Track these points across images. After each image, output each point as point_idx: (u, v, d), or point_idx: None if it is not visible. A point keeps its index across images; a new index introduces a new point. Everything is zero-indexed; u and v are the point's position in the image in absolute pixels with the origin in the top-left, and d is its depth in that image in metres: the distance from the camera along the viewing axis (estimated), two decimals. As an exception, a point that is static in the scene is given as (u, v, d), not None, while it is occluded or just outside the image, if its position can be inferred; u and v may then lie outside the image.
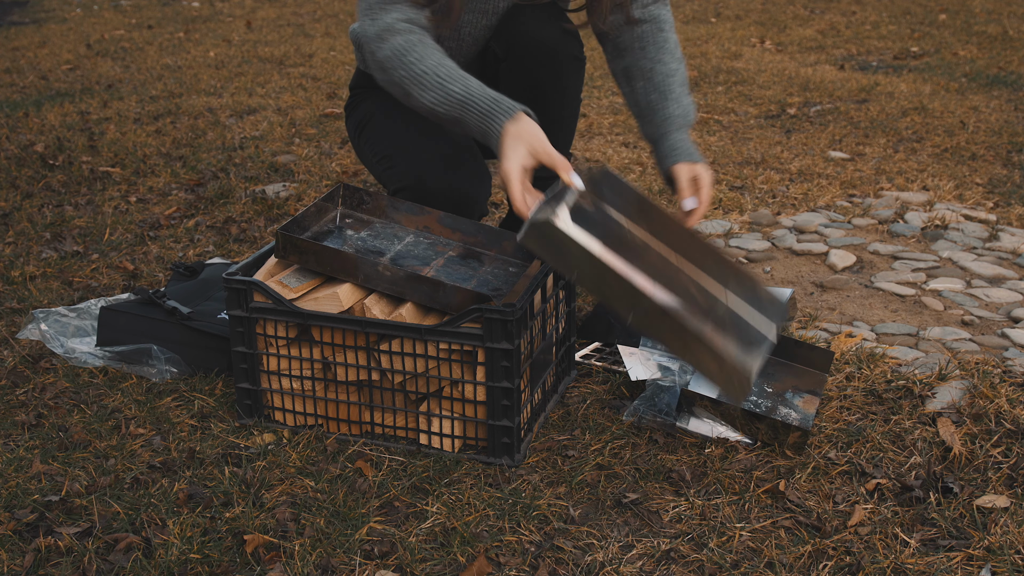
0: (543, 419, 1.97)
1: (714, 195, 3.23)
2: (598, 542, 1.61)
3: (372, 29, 1.90)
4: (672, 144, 2.05)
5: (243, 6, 7.90)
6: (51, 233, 3.00)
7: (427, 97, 1.84)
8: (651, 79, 2.10)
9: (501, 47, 2.13)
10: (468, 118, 1.82)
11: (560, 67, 2.11)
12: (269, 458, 1.84)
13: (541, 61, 2.06)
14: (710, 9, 7.19)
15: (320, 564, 1.55)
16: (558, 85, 2.12)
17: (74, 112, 4.44)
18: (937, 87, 4.75)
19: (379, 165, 2.24)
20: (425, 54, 1.86)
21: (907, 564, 1.53)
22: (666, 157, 2.05)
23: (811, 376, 1.96)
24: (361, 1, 1.95)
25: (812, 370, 1.97)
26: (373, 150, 2.26)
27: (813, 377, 1.96)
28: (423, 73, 1.84)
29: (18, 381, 2.14)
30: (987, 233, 2.94)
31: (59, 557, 1.59)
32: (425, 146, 2.15)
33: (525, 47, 2.08)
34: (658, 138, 2.09)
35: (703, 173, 2.01)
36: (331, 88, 4.86)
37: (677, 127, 2.07)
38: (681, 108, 2.09)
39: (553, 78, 2.11)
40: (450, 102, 1.82)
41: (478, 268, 1.83)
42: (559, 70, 2.12)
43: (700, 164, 2.03)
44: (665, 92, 2.09)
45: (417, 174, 2.12)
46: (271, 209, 3.14)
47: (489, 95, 1.80)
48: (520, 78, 2.10)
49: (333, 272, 1.85)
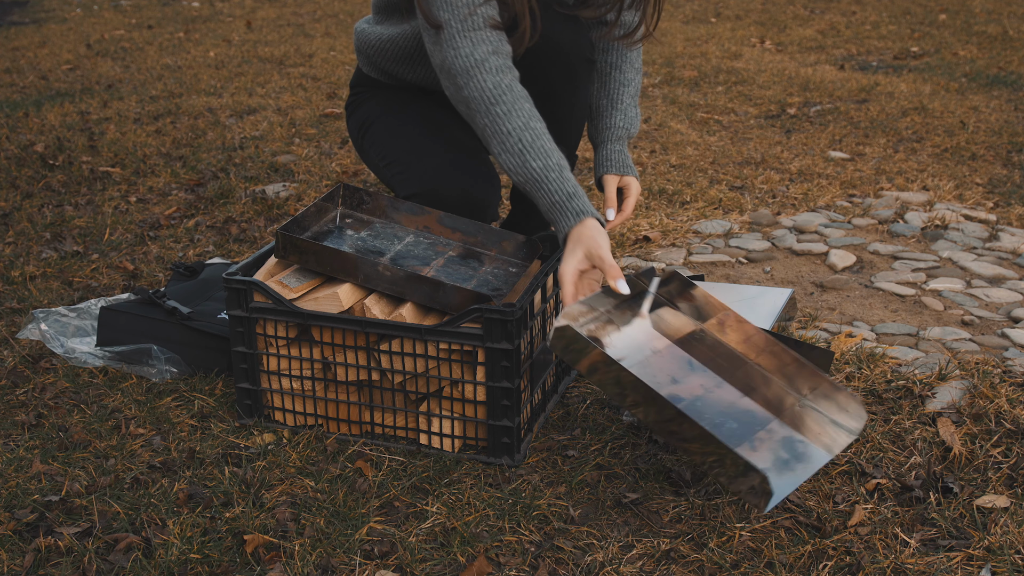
0: (543, 419, 1.97)
1: (714, 195, 3.23)
2: (598, 542, 1.62)
3: (459, 63, 1.84)
4: (607, 154, 2.16)
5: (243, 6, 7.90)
6: (51, 233, 3.00)
7: (504, 159, 1.84)
8: (605, 84, 2.20)
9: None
10: (539, 199, 1.83)
11: (573, 68, 2.12)
12: (269, 458, 1.84)
13: (554, 61, 2.07)
14: (710, 9, 7.19)
15: (320, 564, 1.56)
16: (570, 87, 2.13)
17: (74, 112, 4.44)
18: (937, 87, 4.76)
19: (387, 170, 2.22)
20: (514, 109, 1.83)
21: (907, 564, 1.53)
22: (599, 165, 2.15)
23: None
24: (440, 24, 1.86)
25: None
26: (379, 154, 2.24)
27: None
28: (507, 133, 1.82)
29: (18, 381, 2.14)
30: (987, 233, 2.94)
31: (59, 557, 1.59)
32: (434, 151, 2.15)
33: (539, 48, 2.08)
34: (597, 145, 2.19)
35: (631, 184, 2.11)
36: (331, 88, 4.86)
37: (616, 138, 2.18)
38: (626, 120, 2.19)
39: (565, 79, 2.12)
40: (525, 175, 1.83)
41: (478, 268, 1.83)
42: (572, 72, 2.13)
43: (629, 176, 2.13)
44: (614, 101, 2.20)
45: (430, 181, 2.11)
46: (271, 209, 3.14)
47: (565, 189, 1.81)
48: (532, 78, 2.10)
49: (333, 272, 1.85)
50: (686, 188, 3.31)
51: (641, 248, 2.83)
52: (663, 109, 4.42)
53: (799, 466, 1.54)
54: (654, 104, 4.52)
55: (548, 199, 1.82)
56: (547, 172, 1.82)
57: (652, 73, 5.12)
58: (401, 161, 2.17)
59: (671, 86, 4.86)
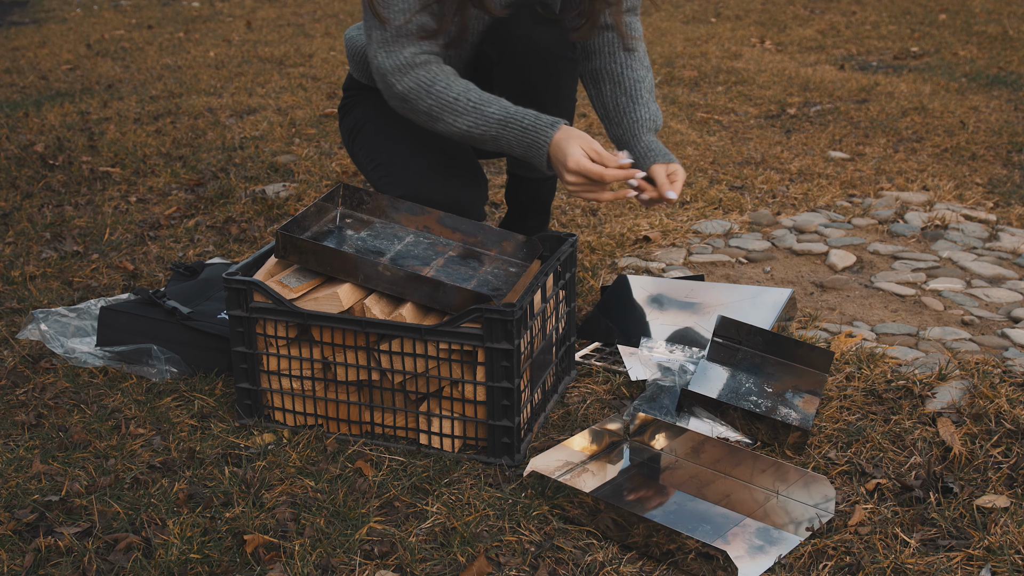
0: (543, 419, 1.97)
1: (714, 195, 3.23)
2: (598, 542, 1.61)
3: (389, 63, 1.99)
4: (647, 146, 2.15)
5: (243, 6, 7.90)
6: (51, 233, 3.00)
7: (461, 122, 1.95)
8: (620, 83, 2.19)
9: (494, 50, 2.15)
10: (509, 135, 1.93)
11: (554, 68, 2.13)
12: (269, 458, 1.84)
13: (534, 62, 2.08)
14: (710, 9, 7.19)
15: (320, 564, 1.56)
16: (551, 86, 2.14)
17: (74, 112, 4.44)
18: (937, 87, 4.75)
19: (374, 173, 2.27)
20: (451, 83, 1.97)
21: (907, 564, 1.53)
22: (644, 157, 2.14)
23: (811, 376, 1.96)
24: (372, 31, 2.00)
25: (812, 370, 1.97)
26: (367, 157, 2.29)
27: (813, 377, 1.96)
28: (455, 100, 1.95)
29: (18, 381, 2.14)
30: (987, 233, 2.94)
31: (59, 557, 1.59)
32: (418, 156, 2.20)
33: (518, 49, 2.10)
34: (630, 140, 2.18)
35: (678, 170, 2.11)
36: (331, 88, 4.86)
37: (647, 130, 2.17)
38: (650, 113, 2.19)
39: (546, 79, 2.13)
40: (488, 123, 1.93)
41: (478, 268, 1.83)
42: (553, 71, 2.13)
43: (675, 164, 2.13)
44: (635, 97, 2.18)
45: (412, 186, 2.16)
46: (271, 209, 3.14)
47: (529, 113, 1.92)
48: (514, 80, 2.11)
49: (333, 272, 1.85)
50: (686, 188, 3.31)
51: (641, 248, 2.83)
52: (663, 109, 4.42)
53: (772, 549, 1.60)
54: (654, 104, 4.52)
55: (518, 128, 1.92)
56: (506, 110, 1.93)
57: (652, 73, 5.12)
58: (386, 164, 2.22)
59: (671, 86, 4.86)
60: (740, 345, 2.05)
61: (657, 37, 6.10)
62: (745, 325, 2.04)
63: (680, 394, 1.95)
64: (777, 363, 2.02)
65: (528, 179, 2.41)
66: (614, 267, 2.68)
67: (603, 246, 2.81)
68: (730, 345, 2.05)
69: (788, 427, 1.82)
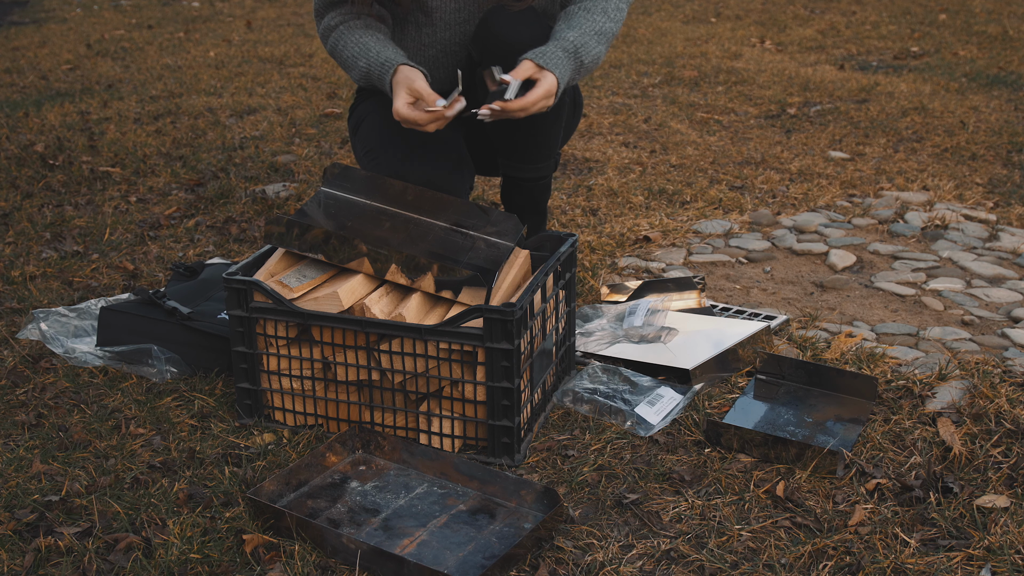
0: (543, 419, 1.97)
1: (714, 195, 3.23)
2: (598, 542, 1.61)
3: (319, 30, 2.31)
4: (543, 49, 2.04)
5: (243, 6, 7.90)
6: (51, 233, 3.00)
7: (353, 75, 2.23)
8: (571, 17, 2.13)
9: (476, 51, 2.20)
10: (375, 83, 2.17)
11: None
12: (269, 458, 1.84)
13: (512, 64, 2.08)
14: (710, 9, 7.19)
15: (320, 564, 1.56)
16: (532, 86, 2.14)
17: (74, 112, 4.44)
18: (937, 87, 4.75)
19: (365, 158, 2.34)
20: (348, 41, 2.22)
21: (907, 564, 1.53)
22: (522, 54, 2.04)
23: (855, 404, 1.95)
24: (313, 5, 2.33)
25: (855, 398, 1.96)
26: (362, 145, 2.36)
27: (857, 405, 1.95)
28: (349, 59, 2.22)
29: (18, 381, 2.14)
30: (987, 233, 2.94)
31: (59, 557, 1.59)
32: (404, 141, 2.25)
33: (497, 51, 2.13)
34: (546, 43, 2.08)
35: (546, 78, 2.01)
36: (331, 88, 4.86)
37: (561, 47, 2.06)
38: (581, 38, 2.08)
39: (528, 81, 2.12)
40: (363, 75, 2.19)
41: (484, 527, 1.69)
42: None
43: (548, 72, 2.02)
44: (573, 24, 2.11)
45: (396, 167, 2.22)
46: (271, 209, 3.14)
47: (379, 60, 2.14)
48: None
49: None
50: (686, 188, 3.31)
51: (641, 248, 2.83)
52: (663, 109, 4.42)
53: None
54: (654, 104, 4.52)
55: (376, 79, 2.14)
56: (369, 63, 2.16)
57: (652, 73, 5.12)
58: (375, 149, 2.30)
59: (671, 86, 4.86)
60: (783, 380, 2.04)
61: (657, 37, 6.10)
62: (788, 359, 2.03)
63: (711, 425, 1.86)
64: (821, 394, 2.01)
65: (522, 181, 2.43)
66: (614, 267, 2.68)
67: (603, 246, 2.81)
68: (773, 381, 2.05)
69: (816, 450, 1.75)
